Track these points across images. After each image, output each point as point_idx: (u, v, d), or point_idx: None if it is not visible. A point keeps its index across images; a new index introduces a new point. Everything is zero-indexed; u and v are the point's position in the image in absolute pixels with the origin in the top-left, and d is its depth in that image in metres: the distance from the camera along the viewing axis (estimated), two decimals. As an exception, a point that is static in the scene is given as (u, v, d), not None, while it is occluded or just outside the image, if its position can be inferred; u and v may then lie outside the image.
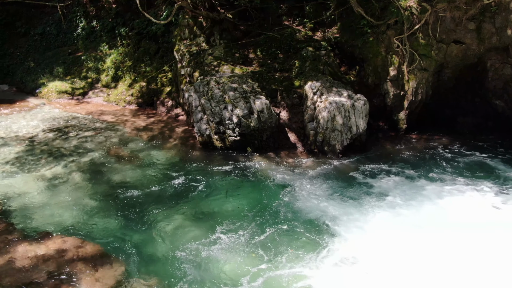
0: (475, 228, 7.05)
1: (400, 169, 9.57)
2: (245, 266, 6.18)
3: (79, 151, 10.74)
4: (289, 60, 12.37)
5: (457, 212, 7.65)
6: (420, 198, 8.23)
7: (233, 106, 10.16)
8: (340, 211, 7.68)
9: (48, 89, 16.89)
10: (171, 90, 14.43)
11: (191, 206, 8.01)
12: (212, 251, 6.58)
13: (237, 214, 7.70)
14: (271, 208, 7.87)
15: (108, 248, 6.64)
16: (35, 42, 19.65)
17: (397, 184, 8.86)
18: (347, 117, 9.92)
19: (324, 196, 8.31)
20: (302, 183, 8.88)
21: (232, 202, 8.18)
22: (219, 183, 9.00)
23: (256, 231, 7.12)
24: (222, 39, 13.14)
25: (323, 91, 10.41)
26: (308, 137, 10.62)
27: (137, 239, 6.92)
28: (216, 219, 7.53)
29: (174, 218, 7.59)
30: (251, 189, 8.72)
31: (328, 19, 13.54)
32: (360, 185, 8.80)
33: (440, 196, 8.27)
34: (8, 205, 7.94)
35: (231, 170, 9.58)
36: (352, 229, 7.10)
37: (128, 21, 17.35)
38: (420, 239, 6.76)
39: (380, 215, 7.54)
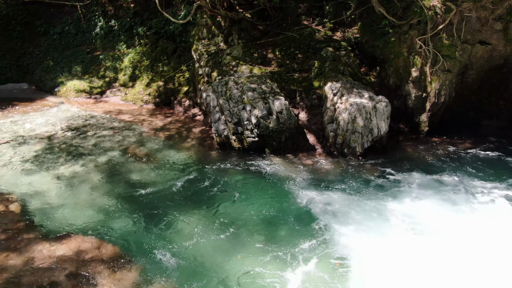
0: (504, 235, 6.79)
1: (422, 173, 9.31)
2: (264, 270, 6.04)
3: (97, 150, 10.75)
4: (308, 60, 12.19)
5: (484, 218, 7.38)
6: (444, 203, 7.98)
7: (252, 106, 10.03)
8: (362, 216, 7.48)
9: (66, 88, 17.03)
10: (188, 89, 14.38)
11: (208, 208, 7.91)
12: (231, 254, 6.46)
13: (255, 217, 7.56)
14: (290, 212, 7.71)
15: (126, 250, 6.58)
16: (54, 41, 19.85)
17: (419, 188, 8.60)
18: (368, 119, 9.70)
19: (345, 200, 8.11)
20: (321, 186, 8.70)
21: (250, 205, 8.04)
22: (237, 185, 8.88)
23: (274, 234, 6.98)
24: (241, 39, 13.03)
25: (344, 92, 10.20)
26: (328, 139, 10.43)
27: (155, 241, 6.84)
28: (234, 222, 7.41)
29: (192, 220, 7.50)
30: (269, 191, 8.57)
31: (348, 19, 13.31)
32: (381, 189, 8.57)
33: (466, 201, 8.00)
34: (28, 204, 7.96)
35: (249, 171, 9.45)
36: (375, 236, 6.90)
37: (146, 20, 17.39)
38: (445, 246, 6.54)
39: (402, 221, 7.32)
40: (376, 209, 7.70)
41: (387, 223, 7.27)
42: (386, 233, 6.96)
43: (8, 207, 7.78)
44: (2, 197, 8.18)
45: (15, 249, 6.47)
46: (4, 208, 7.74)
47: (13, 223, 7.25)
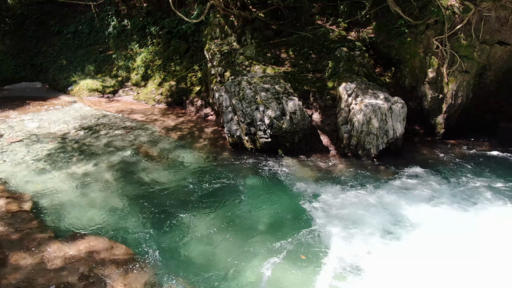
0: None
1: (439, 176, 9.11)
2: (277, 274, 5.93)
3: (110, 150, 10.74)
4: (322, 60, 12.03)
5: (504, 224, 7.16)
6: (460, 207, 7.78)
7: (265, 107, 9.92)
8: (377, 220, 7.32)
9: (79, 87, 17.11)
10: (200, 89, 14.32)
11: (221, 210, 7.82)
12: (244, 257, 6.36)
13: (268, 219, 7.45)
14: (303, 214, 7.58)
15: (138, 251, 6.51)
16: (68, 40, 19.98)
17: (436, 192, 8.40)
18: (383, 121, 9.52)
19: (359, 203, 7.96)
20: (335, 188, 8.55)
21: (263, 206, 7.93)
22: (250, 186, 8.78)
23: (286, 237, 6.86)
24: (254, 39, 12.93)
25: (358, 93, 10.03)
26: (341, 140, 10.27)
27: (167, 242, 6.77)
28: (247, 224, 7.31)
29: (205, 221, 7.41)
30: (282, 193, 8.45)
31: (363, 18, 13.12)
32: (396, 192, 8.39)
33: (484, 207, 7.79)
34: (40, 203, 7.96)
35: (261, 172, 9.34)
36: (389, 240, 6.75)
37: (159, 20, 17.39)
38: (461, 252, 6.35)
39: (419, 226, 7.14)
40: (391, 214, 7.53)
41: (402, 228, 7.10)
42: (401, 238, 6.80)
43: (21, 206, 7.78)
44: (15, 196, 8.19)
45: (27, 249, 6.45)
46: (17, 207, 7.74)
47: (26, 222, 7.24)
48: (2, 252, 6.39)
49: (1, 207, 7.73)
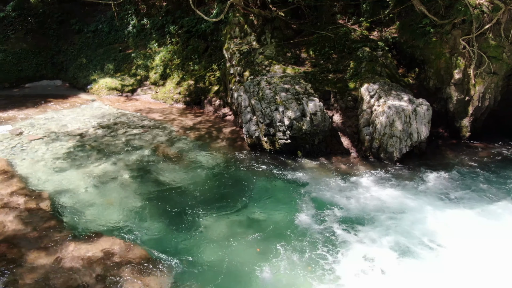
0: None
1: (465, 181, 8.77)
2: (297, 279, 5.73)
3: (127, 149, 10.69)
4: (344, 60, 11.75)
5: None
6: (489, 216, 7.43)
7: (285, 107, 9.71)
8: (400, 227, 7.04)
9: (98, 85, 17.19)
10: (219, 89, 14.20)
11: (239, 212, 7.65)
12: (262, 262, 6.17)
13: (287, 223, 7.24)
14: (324, 219, 7.35)
15: (155, 253, 6.39)
16: (88, 39, 20.12)
17: (462, 198, 8.07)
18: (407, 123, 9.21)
19: (382, 208, 7.69)
20: (357, 192, 8.29)
21: (282, 210, 7.72)
22: (268, 188, 8.59)
23: (307, 242, 6.64)
24: (274, 38, 12.73)
25: (381, 94, 9.74)
26: (363, 143, 9.99)
27: (183, 244, 6.64)
28: (265, 227, 7.12)
29: (222, 224, 7.25)
30: (302, 196, 8.22)
31: (386, 18, 12.78)
32: (421, 197, 8.08)
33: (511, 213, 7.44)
34: (58, 202, 7.93)
35: (280, 174, 9.14)
36: (419, 249, 6.47)
37: (178, 19, 17.35)
38: (490, 260, 6.04)
39: (444, 234, 6.84)
40: (416, 221, 7.23)
41: (428, 235, 6.80)
42: (426, 247, 6.51)
43: (39, 205, 7.76)
44: (34, 194, 8.19)
45: (44, 248, 6.40)
46: (35, 206, 7.72)
47: (44, 221, 7.21)
48: (19, 251, 6.35)
49: (20, 204, 7.73)
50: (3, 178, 8.86)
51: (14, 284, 5.56)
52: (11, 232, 6.81)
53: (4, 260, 6.10)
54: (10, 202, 7.80)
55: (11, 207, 7.61)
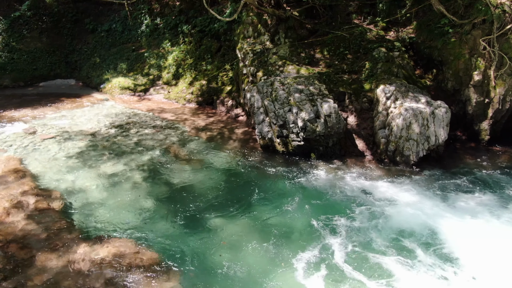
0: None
1: (484, 186, 8.49)
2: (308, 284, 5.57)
3: (139, 149, 10.62)
4: (359, 61, 11.52)
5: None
6: (508, 221, 7.15)
7: (299, 109, 9.53)
8: (417, 235, 6.81)
9: (111, 84, 17.21)
10: (231, 89, 14.07)
11: (251, 215, 7.49)
12: (273, 265, 6.02)
13: (300, 229, 7.06)
14: (337, 225, 7.15)
15: (164, 257, 6.27)
16: (102, 38, 20.18)
17: (481, 205, 7.79)
18: (425, 126, 8.95)
19: (398, 214, 7.45)
20: (371, 197, 8.07)
21: (294, 214, 7.54)
22: (281, 191, 8.42)
23: (320, 248, 6.46)
24: (287, 38, 12.55)
25: (398, 96, 9.50)
26: (378, 146, 9.76)
27: (195, 248, 6.51)
28: (277, 231, 6.95)
29: (234, 227, 7.12)
30: (315, 199, 8.03)
31: (403, 17, 12.49)
32: (439, 203, 7.82)
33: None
34: (69, 202, 7.88)
35: (293, 177, 8.96)
36: (435, 256, 6.23)
37: (191, 18, 17.28)
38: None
39: (463, 243, 6.59)
40: (434, 229, 6.98)
41: (445, 246, 6.55)
42: (443, 257, 6.27)
43: (50, 205, 7.72)
44: (46, 194, 8.15)
45: (54, 250, 6.34)
46: (47, 206, 7.68)
47: (54, 222, 7.15)
48: (30, 252, 6.30)
49: (31, 204, 7.70)
50: (15, 177, 8.86)
51: (23, 287, 5.49)
52: (22, 232, 6.77)
53: (14, 261, 6.06)
54: (21, 202, 7.77)
55: (23, 207, 7.58)
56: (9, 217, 7.22)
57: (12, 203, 7.65)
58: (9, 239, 6.57)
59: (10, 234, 6.69)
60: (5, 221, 7.07)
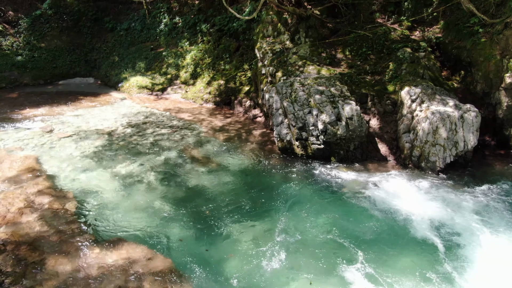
0: None
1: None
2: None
3: (155, 149, 10.44)
4: (382, 61, 11.09)
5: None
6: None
7: (319, 111, 9.18)
8: (445, 248, 6.39)
9: (129, 83, 17.15)
10: (249, 89, 13.79)
11: (268, 222, 7.18)
12: (291, 276, 5.70)
13: (320, 238, 6.71)
14: (360, 232, 6.79)
15: (178, 264, 6.02)
16: (121, 37, 20.20)
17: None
18: (452, 131, 8.48)
19: (423, 222, 7.03)
20: (396, 203, 7.66)
21: (313, 221, 7.20)
22: (300, 197, 8.08)
23: (340, 259, 6.11)
24: (308, 37, 12.18)
25: (424, 99, 9.05)
26: (402, 150, 9.33)
27: (210, 256, 6.24)
28: (295, 238, 6.62)
29: (250, 234, 6.82)
30: (335, 206, 7.68)
31: (429, 16, 11.99)
32: (467, 213, 7.35)
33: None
34: (83, 203, 7.72)
35: (312, 182, 8.61)
36: (464, 271, 5.82)
37: (210, 17, 17.08)
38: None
39: (494, 259, 6.14)
40: (464, 241, 6.54)
41: (476, 259, 6.12)
42: (473, 273, 5.85)
43: (63, 205, 7.57)
44: (60, 194, 8.03)
45: (66, 253, 6.16)
46: (60, 206, 7.54)
47: (67, 223, 7.00)
48: (41, 254, 6.14)
49: (45, 205, 7.57)
50: (30, 176, 8.77)
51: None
52: (34, 234, 6.63)
53: (24, 264, 5.90)
54: (35, 201, 7.65)
55: (36, 207, 7.46)
56: (22, 217, 7.09)
57: (26, 203, 7.54)
58: (20, 240, 6.43)
59: (22, 236, 6.56)
60: (18, 222, 6.95)
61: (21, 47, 18.98)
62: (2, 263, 5.84)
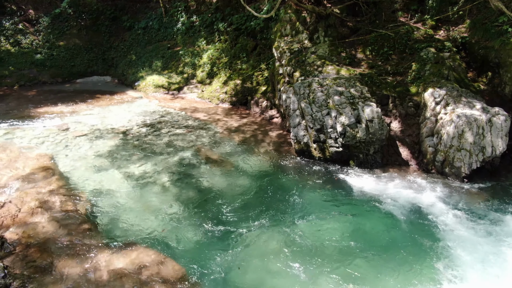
0: None
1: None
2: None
3: (169, 150, 10.27)
4: (404, 62, 10.68)
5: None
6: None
7: (338, 112, 8.85)
8: (470, 262, 6.00)
9: (146, 82, 17.08)
10: (266, 89, 13.52)
11: (284, 227, 6.89)
12: (308, 286, 5.43)
13: (336, 245, 6.40)
14: (378, 240, 6.45)
15: (190, 270, 5.80)
16: (138, 36, 20.18)
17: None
18: (480, 135, 8.04)
19: (446, 234, 6.64)
20: (417, 211, 7.29)
21: (330, 228, 6.88)
22: (317, 202, 7.78)
23: (359, 267, 5.80)
24: (327, 36, 11.84)
25: (449, 101, 8.62)
26: (425, 155, 8.92)
27: (223, 263, 5.99)
28: (311, 247, 6.32)
29: (265, 240, 6.54)
30: (354, 212, 7.34)
31: (455, 15, 11.50)
32: (494, 223, 6.92)
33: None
34: (95, 204, 7.58)
35: (330, 186, 8.29)
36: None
37: (227, 16, 16.87)
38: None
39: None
40: (492, 255, 6.14)
41: (502, 271, 5.73)
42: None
43: (75, 206, 7.45)
44: (72, 194, 7.91)
45: (75, 256, 6.01)
46: (72, 207, 7.41)
47: (78, 225, 6.86)
48: (50, 257, 6.00)
49: (57, 205, 7.46)
50: (44, 175, 8.70)
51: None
52: (44, 235, 6.50)
53: (33, 266, 5.77)
54: (47, 201, 7.55)
55: (48, 207, 7.35)
56: (33, 218, 6.99)
57: (38, 203, 7.44)
58: (30, 242, 6.31)
59: (32, 237, 6.44)
60: (29, 222, 6.85)
61: (41, 46, 19.13)
62: (11, 265, 5.72)
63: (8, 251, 6.05)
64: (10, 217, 6.95)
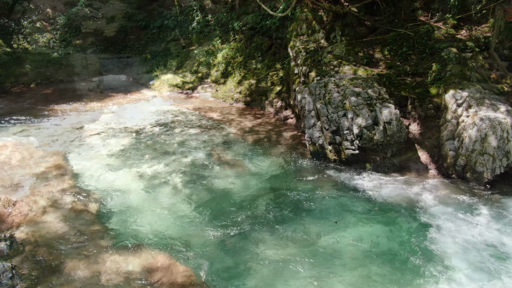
0: None
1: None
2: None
3: (182, 150, 10.15)
4: (424, 62, 10.34)
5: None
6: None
7: (355, 114, 8.59)
8: (493, 271, 5.70)
9: (160, 81, 17.05)
10: (281, 89, 13.32)
11: (296, 232, 6.68)
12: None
13: (352, 252, 6.16)
14: (394, 246, 6.19)
15: (200, 275, 5.63)
16: (153, 35, 20.19)
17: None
18: (504, 139, 7.70)
19: (467, 242, 6.34)
20: (437, 218, 6.99)
21: (348, 232, 6.65)
22: (332, 206, 7.53)
23: (376, 273, 5.55)
24: (344, 36, 11.56)
25: (472, 103, 8.29)
26: (445, 159, 8.60)
27: (235, 269, 5.81)
28: (328, 251, 6.11)
29: (277, 244, 6.35)
30: (370, 217, 7.09)
31: (478, 14, 11.10)
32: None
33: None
34: (106, 205, 7.49)
35: (345, 190, 8.04)
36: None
37: (242, 15, 16.71)
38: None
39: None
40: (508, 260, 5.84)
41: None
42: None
43: (86, 206, 7.37)
44: (84, 193, 7.84)
45: (84, 257, 5.91)
46: (83, 207, 7.33)
47: (88, 225, 6.77)
48: (59, 257, 5.92)
49: (68, 204, 7.40)
50: (56, 174, 8.67)
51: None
52: (54, 235, 6.43)
53: (41, 267, 5.68)
54: (58, 201, 7.49)
55: (59, 206, 7.29)
56: (44, 217, 6.93)
57: (49, 202, 7.39)
58: (39, 241, 6.24)
59: (41, 236, 6.37)
60: (39, 221, 6.79)
61: (57, 44, 19.28)
62: (19, 265, 5.65)
63: (17, 250, 5.98)
64: (21, 216, 6.90)
